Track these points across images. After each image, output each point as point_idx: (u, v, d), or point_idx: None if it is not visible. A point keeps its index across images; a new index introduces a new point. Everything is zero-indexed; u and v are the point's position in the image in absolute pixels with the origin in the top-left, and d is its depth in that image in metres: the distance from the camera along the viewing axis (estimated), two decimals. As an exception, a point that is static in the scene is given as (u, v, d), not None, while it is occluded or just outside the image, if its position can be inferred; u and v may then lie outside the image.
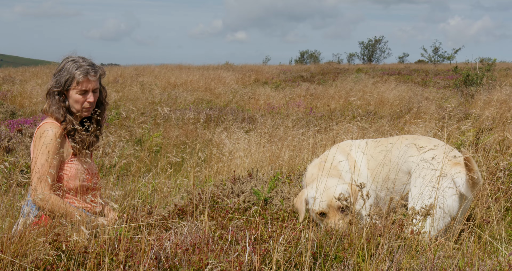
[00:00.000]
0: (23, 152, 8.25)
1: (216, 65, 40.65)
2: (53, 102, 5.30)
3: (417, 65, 46.63)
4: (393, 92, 20.16)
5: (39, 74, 29.94)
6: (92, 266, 3.93)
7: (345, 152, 5.74)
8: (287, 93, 21.52)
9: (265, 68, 38.55)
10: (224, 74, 29.53)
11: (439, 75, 31.66)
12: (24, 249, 3.94)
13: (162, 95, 20.56)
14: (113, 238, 4.25)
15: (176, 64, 39.19)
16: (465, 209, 5.03)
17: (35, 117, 13.64)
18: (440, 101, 18.22)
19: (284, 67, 42.82)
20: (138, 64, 39.29)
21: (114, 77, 27.91)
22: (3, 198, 4.53)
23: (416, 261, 4.15)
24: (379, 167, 5.53)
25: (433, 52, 50.66)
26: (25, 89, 21.42)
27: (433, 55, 50.61)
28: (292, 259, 4.20)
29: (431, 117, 11.58)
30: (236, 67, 38.30)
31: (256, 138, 8.84)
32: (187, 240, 4.37)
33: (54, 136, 5.08)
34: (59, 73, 5.32)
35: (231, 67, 39.04)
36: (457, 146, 7.75)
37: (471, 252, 4.40)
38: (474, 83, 20.09)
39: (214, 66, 38.56)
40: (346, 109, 17.36)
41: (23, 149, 8.56)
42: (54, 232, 4.20)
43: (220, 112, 15.33)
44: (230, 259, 3.98)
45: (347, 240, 4.41)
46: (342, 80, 27.79)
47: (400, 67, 41.71)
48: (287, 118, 13.86)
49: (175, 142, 10.10)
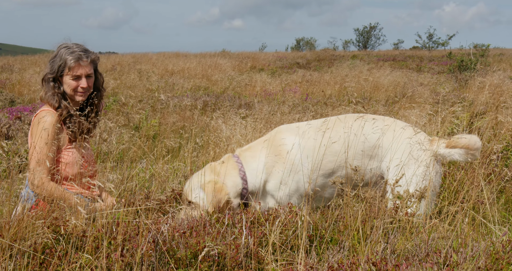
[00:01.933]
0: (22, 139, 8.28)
1: (213, 52, 40.60)
2: (48, 88, 5.33)
3: (412, 51, 46.57)
4: (388, 78, 20.16)
5: (38, 62, 29.92)
6: (90, 249, 3.97)
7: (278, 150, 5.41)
8: (283, 80, 21.52)
9: (262, 55, 38.49)
10: (221, 61, 29.51)
11: (434, 61, 31.64)
12: (23, 233, 3.97)
13: (159, 82, 20.55)
14: (111, 222, 4.29)
15: (174, 52, 39.17)
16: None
17: (33, 105, 13.65)
18: (434, 86, 18.24)
19: (280, 54, 42.76)
20: (136, 52, 39.35)
21: (112, 65, 27.88)
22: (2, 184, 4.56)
23: (411, 242, 4.20)
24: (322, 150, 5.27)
25: (427, 38, 50.60)
26: (24, 77, 21.42)
27: (428, 41, 50.54)
28: (288, 242, 4.25)
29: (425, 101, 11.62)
30: (233, 55, 38.25)
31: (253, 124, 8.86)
32: (184, 223, 4.42)
33: (52, 122, 5.12)
34: (53, 59, 5.36)
35: (228, 54, 38.98)
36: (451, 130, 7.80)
37: (465, 233, 4.45)
38: (468, 69, 20.13)
39: (211, 54, 38.50)
40: (341, 95, 17.37)
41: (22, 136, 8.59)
42: (53, 216, 4.24)
43: (217, 98, 15.34)
44: (227, 242, 4.02)
45: (343, 223, 4.46)
46: (338, 66, 27.79)
47: (395, 54, 41.67)
48: (284, 104, 13.89)
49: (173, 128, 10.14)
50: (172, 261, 3.91)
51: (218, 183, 5.20)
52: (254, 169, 5.34)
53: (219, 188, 5.17)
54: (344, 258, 3.98)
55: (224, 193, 5.18)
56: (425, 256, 3.89)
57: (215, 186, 5.17)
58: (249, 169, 5.35)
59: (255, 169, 5.33)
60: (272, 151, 5.34)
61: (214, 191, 5.14)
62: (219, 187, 5.18)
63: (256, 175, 5.32)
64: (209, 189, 5.16)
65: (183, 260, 3.93)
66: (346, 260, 3.88)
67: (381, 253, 3.98)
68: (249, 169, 5.35)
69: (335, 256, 4.01)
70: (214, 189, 5.15)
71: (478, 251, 3.85)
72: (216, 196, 5.13)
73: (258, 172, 5.32)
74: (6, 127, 9.08)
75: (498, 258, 3.81)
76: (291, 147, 5.29)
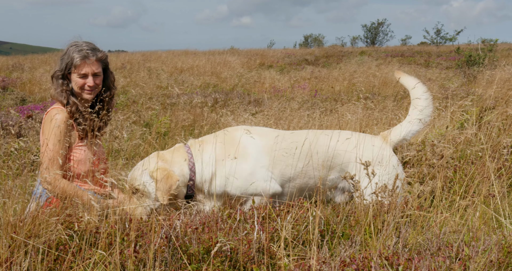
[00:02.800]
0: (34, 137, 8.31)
1: (222, 50, 40.58)
2: (57, 85, 5.37)
3: (420, 47, 46.40)
4: (397, 73, 20.08)
5: (48, 61, 30.00)
6: (104, 245, 4.00)
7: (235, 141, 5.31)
8: (292, 76, 21.54)
9: (270, 52, 38.46)
10: (229, 58, 29.50)
11: (442, 57, 31.55)
12: (37, 230, 4.01)
13: (169, 80, 20.58)
14: (123, 218, 4.32)
15: (183, 50, 39.20)
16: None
17: (44, 103, 13.70)
18: (442, 81, 18.23)
19: (289, 51, 42.71)
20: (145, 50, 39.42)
21: (122, 63, 27.93)
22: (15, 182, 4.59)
23: (422, 236, 4.21)
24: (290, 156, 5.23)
25: (435, 34, 50.39)
26: (34, 76, 21.51)
27: (436, 37, 50.34)
28: (299, 237, 4.27)
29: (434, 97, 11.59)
30: (241, 52, 38.24)
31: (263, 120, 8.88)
32: (197, 219, 4.44)
33: (63, 119, 5.15)
34: (62, 57, 5.40)
35: (237, 51, 38.98)
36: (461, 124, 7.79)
37: (476, 227, 4.46)
38: (476, 64, 20.06)
39: (219, 51, 38.49)
40: (350, 91, 17.37)
41: (33, 135, 8.62)
42: (66, 213, 4.28)
43: (226, 95, 15.35)
44: (239, 238, 4.03)
45: (354, 218, 4.47)
46: (346, 62, 27.74)
47: (403, 49, 41.53)
48: (293, 100, 13.90)
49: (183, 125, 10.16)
50: (185, 257, 3.93)
51: (167, 170, 5.04)
52: (203, 161, 5.19)
53: (168, 175, 5.01)
54: (356, 253, 3.99)
55: (174, 179, 5.00)
56: (436, 250, 3.90)
57: (164, 173, 5.02)
58: (199, 161, 5.19)
59: (204, 161, 5.18)
60: (227, 144, 5.21)
61: (164, 178, 4.98)
62: (168, 173, 5.01)
63: (205, 168, 5.16)
64: (158, 176, 5.00)
65: (196, 255, 3.95)
66: (358, 254, 3.90)
67: (392, 247, 3.99)
68: (198, 160, 5.20)
69: (347, 250, 4.03)
70: (164, 176, 5.00)
71: (490, 244, 3.86)
72: (167, 183, 4.98)
73: (208, 164, 5.17)
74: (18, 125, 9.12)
75: (510, 251, 3.82)
76: (248, 142, 5.22)
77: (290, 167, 5.18)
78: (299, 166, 5.19)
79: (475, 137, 6.95)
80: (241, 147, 5.17)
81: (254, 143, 5.23)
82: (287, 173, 5.19)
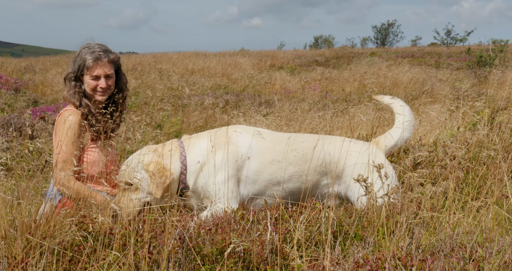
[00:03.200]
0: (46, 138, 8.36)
1: (232, 51, 40.66)
2: (70, 87, 5.39)
3: (430, 48, 46.29)
4: (407, 74, 20.12)
5: (60, 63, 30.15)
6: (118, 246, 4.02)
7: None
8: (302, 78, 21.55)
9: (280, 54, 38.48)
10: (240, 60, 29.54)
11: (452, 57, 31.48)
12: (52, 231, 4.03)
13: (180, 81, 20.63)
14: (137, 219, 4.34)
15: (193, 51, 39.27)
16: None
17: (57, 105, 13.77)
18: (453, 82, 18.20)
19: (299, 52, 42.72)
20: (156, 52, 39.48)
21: (133, 65, 28.03)
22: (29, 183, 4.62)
23: (436, 237, 4.21)
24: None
25: (445, 34, 50.29)
26: (46, 78, 21.61)
27: (446, 37, 50.23)
28: (312, 238, 4.27)
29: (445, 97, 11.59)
30: (252, 53, 38.29)
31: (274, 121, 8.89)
32: (210, 220, 4.45)
33: (76, 121, 5.17)
34: (75, 59, 5.43)
35: (247, 53, 39.03)
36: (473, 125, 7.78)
37: (490, 228, 4.45)
38: (487, 64, 20.01)
39: (230, 52, 38.56)
40: (361, 92, 17.36)
41: (46, 136, 8.67)
42: (80, 214, 4.30)
43: (237, 96, 15.37)
44: (252, 238, 4.04)
45: (366, 219, 4.48)
46: (356, 63, 27.72)
47: (413, 50, 41.45)
48: (303, 101, 13.91)
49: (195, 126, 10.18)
50: (199, 258, 3.95)
51: (161, 163, 4.99)
52: (195, 153, 5.11)
53: (163, 168, 4.96)
54: (369, 254, 4.00)
55: (168, 173, 4.96)
56: (450, 251, 3.90)
57: (158, 166, 4.97)
58: (190, 154, 5.12)
59: (196, 154, 5.11)
60: (219, 139, 5.14)
61: (158, 171, 4.94)
62: (162, 167, 4.97)
63: (196, 160, 5.09)
64: (152, 169, 4.96)
65: (209, 256, 3.96)
66: (371, 255, 3.90)
67: (406, 248, 3.99)
68: (190, 153, 5.13)
69: (360, 251, 4.03)
70: (158, 169, 4.95)
71: (504, 245, 3.85)
72: (161, 177, 4.94)
73: (198, 156, 5.10)
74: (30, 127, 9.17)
75: (523, 252, 3.81)
76: (241, 140, 5.16)
77: (282, 170, 5.13)
78: (290, 170, 5.15)
79: (487, 138, 6.93)
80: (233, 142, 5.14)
81: (248, 142, 5.17)
82: (278, 176, 5.14)
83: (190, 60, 29.99)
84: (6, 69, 26.52)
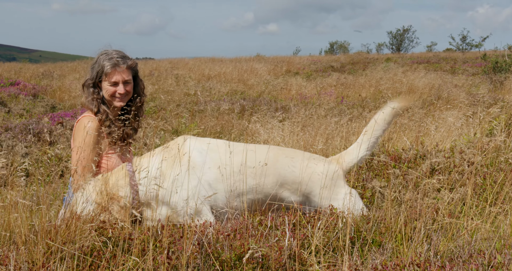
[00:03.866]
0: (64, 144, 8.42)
1: (248, 57, 40.70)
2: (88, 93, 5.42)
3: (446, 54, 46.18)
4: (423, 80, 20.09)
5: (77, 68, 30.31)
6: (137, 252, 4.04)
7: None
8: (318, 83, 21.57)
9: (296, 59, 38.50)
10: (256, 65, 29.58)
11: (468, 63, 31.39)
12: (72, 237, 4.06)
13: (196, 87, 20.69)
14: (156, 225, 4.37)
15: (210, 57, 39.34)
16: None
17: (74, 110, 13.85)
18: (469, 88, 18.15)
19: (315, 58, 42.73)
20: (172, 58, 39.56)
21: (150, 71, 28.14)
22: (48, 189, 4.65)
23: (454, 243, 4.21)
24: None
25: (461, 40, 50.15)
26: (64, 83, 21.73)
27: (461, 43, 50.09)
28: (330, 244, 4.28)
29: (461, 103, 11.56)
30: (267, 59, 38.33)
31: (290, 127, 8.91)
32: (228, 226, 4.47)
33: (94, 127, 5.21)
34: (93, 65, 5.45)
35: (263, 58, 39.07)
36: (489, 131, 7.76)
37: (508, 234, 4.45)
38: (503, 70, 19.93)
39: (246, 58, 38.61)
40: (377, 97, 17.35)
41: (64, 142, 8.73)
42: (100, 220, 4.33)
43: (253, 102, 15.40)
44: (270, 244, 4.05)
45: (384, 225, 4.48)
46: (372, 69, 27.69)
47: (429, 56, 41.35)
48: (319, 107, 13.92)
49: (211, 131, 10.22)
50: (217, 263, 3.96)
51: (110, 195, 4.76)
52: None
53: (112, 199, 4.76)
54: (387, 260, 4.00)
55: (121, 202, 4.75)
56: (468, 257, 3.89)
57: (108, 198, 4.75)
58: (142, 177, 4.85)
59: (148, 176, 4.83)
60: (171, 155, 4.92)
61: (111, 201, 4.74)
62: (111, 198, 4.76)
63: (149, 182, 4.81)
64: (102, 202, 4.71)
65: (228, 262, 3.98)
66: (390, 261, 3.91)
67: (424, 255, 4.00)
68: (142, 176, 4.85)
69: (378, 258, 4.04)
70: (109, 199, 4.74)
71: (522, 252, 3.85)
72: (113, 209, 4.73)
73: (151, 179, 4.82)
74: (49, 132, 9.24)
75: (542, 259, 3.81)
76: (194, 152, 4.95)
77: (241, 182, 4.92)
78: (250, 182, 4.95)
79: (504, 143, 6.92)
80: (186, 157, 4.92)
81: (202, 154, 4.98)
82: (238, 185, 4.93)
83: (207, 65, 30.07)
84: (24, 74, 26.71)
